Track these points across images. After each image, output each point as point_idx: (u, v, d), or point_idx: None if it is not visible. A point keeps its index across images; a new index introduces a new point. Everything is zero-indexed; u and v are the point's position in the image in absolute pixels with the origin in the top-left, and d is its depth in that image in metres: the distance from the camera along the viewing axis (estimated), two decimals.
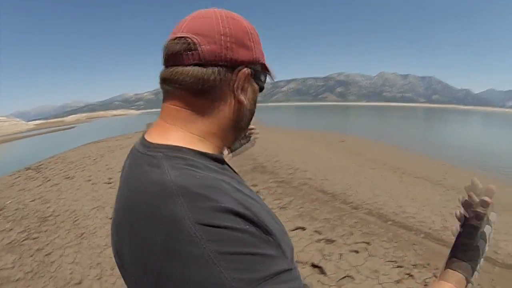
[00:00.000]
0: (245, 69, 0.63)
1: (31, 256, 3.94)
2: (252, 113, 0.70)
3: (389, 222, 4.14)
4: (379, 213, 4.50)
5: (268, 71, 0.69)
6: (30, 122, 66.41)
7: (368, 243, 3.47)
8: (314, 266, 3.07)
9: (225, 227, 0.48)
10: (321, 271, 3.01)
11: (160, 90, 0.67)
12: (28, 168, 10.33)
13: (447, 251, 0.71)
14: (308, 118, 45.51)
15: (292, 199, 5.10)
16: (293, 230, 3.88)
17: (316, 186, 5.92)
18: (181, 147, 0.59)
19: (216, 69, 0.60)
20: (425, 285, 2.79)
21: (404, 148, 11.97)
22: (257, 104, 0.71)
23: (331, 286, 2.81)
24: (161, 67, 0.65)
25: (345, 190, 5.64)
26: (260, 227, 0.52)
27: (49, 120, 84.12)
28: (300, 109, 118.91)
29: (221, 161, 0.65)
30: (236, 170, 0.87)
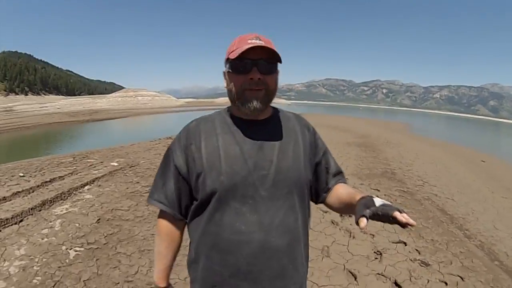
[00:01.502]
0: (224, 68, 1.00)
1: (147, 206, 4.18)
2: (231, 91, 0.97)
3: (496, 262, 3.41)
4: (490, 249, 3.74)
5: (229, 61, 0.94)
6: (181, 99, 67.75)
7: (462, 278, 2.98)
8: (396, 284, 2.84)
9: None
10: None
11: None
12: (169, 138, 10.87)
13: None
14: (455, 130, 38.91)
15: (408, 212, 4.58)
16: (395, 242, 3.59)
17: (438, 204, 5.21)
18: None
19: None
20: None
21: None
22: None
23: None
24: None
25: (466, 215, 4.81)
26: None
27: (199, 100, 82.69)
28: (450, 119, 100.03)
29: (233, 116, 1.01)
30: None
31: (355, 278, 2.86)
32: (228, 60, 0.95)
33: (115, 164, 6.80)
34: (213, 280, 0.93)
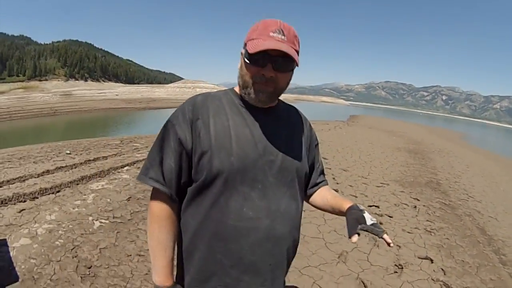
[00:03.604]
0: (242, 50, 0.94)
1: None
2: (242, 77, 0.93)
3: None
4: None
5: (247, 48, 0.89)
6: None
7: None
8: None
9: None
10: None
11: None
12: None
13: None
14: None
15: (444, 227, 4.38)
16: (421, 258, 3.38)
17: (479, 222, 4.85)
18: (233, 88, 1.04)
19: None
20: None
21: None
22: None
23: None
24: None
25: (507, 238, 4.41)
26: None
27: None
28: (509, 132, 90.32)
29: (241, 99, 0.97)
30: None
31: None
32: (245, 44, 0.92)
33: None
34: (212, 269, 0.88)
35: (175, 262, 0.96)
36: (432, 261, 3.36)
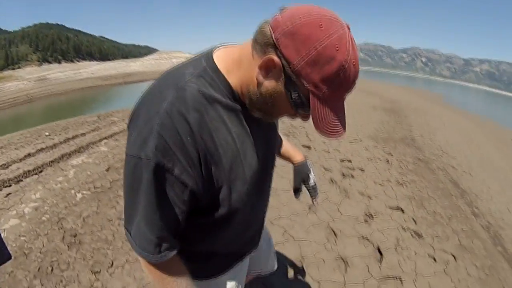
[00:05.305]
0: (277, 58, 0.56)
1: None
2: (265, 102, 0.65)
3: (499, 248, 3.15)
4: (497, 232, 3.47)
5: (306, 98, 0.59)
6: None
7: (455, 257, 2.76)
8: (378, 250, 2.68)
9: None
10: (379, 259, 2.57)
11: None
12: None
13: None
14: (492, 106, 36.63)
15: (417, 180, 4.50)
16: (392, 208, 3.48)
17: (453, 176, 5.00)
18: (219, 70, 0.67)
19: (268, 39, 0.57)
20: None
21: None
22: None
23: (371, 278, 2.34)
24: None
25: (480, 192, 4.55)
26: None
27: None
28: (490, 96, 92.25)
29: (233, 97, 0.69)
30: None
31: (336, 237, 2.80)
32: (295, 71, 0.56)
33: None
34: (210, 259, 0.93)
35: None
36: (403, 211, 3.47)
